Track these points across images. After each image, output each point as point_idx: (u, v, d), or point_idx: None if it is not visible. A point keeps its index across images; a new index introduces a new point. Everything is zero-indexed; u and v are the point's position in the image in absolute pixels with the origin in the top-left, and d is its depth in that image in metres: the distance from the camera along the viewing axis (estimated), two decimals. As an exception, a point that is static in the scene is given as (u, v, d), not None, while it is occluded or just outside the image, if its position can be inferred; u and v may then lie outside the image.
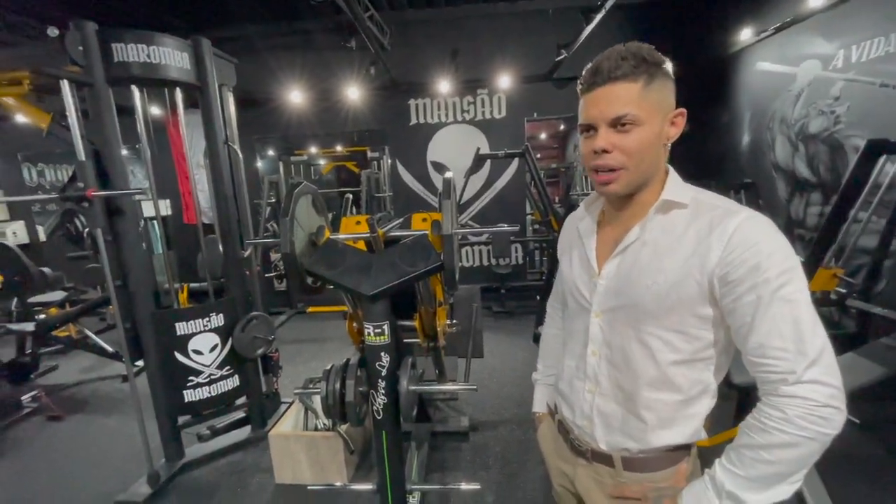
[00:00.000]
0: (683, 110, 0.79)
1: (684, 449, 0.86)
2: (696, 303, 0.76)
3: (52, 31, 2.16)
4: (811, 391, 0.66)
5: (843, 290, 2.75)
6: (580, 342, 0.92)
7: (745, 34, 3.87)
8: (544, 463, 1.08)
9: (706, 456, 0.95)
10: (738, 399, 1.63)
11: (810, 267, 2.69)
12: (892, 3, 2.67)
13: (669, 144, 0.80)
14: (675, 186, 0.82)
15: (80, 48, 2.02)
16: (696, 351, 0.80)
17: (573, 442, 0.95)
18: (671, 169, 0.84)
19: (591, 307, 0.88)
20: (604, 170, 0.78)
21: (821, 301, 2.83)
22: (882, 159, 2.41)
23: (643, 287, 0.80)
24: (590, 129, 0.78)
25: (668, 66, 0.77)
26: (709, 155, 4.64)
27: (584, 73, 0.79)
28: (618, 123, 0.75)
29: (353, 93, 4.79)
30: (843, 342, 2.74)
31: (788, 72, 3.51)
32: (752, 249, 0.70)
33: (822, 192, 3.29)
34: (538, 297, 4.14)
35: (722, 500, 0.73)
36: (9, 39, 4.33)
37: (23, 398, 3.26)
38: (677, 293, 0.76)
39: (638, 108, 0.74)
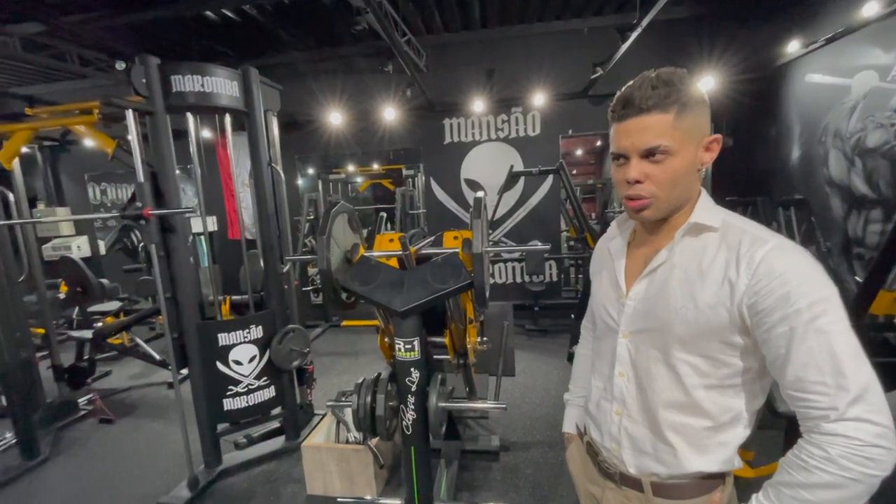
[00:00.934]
0: (719, 136, 0.77)
1: (717, 477, 0.82)
2: (726, 331, 0.74)
3: (120, 65, 2.38)
4: (855, 429, 0.62)
5: (909, 315, 2.54)
6: (608, 363, 0.91)
7: (793, 46, 3.72)
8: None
9: (753, 487, 0.90)
10: (785, 428, 1.53)
11: (871, 289, 2.50)
12: (956, 9, 2.50)
13: (703, 169, 0.79)
14: (705, 209, 0.80)
15: (144, 80, 2.21)
16: (725, 377, 0.77)
17: (602, 464, 0.93)
18: (703, 191, 0.82)
19: (618, 328, 0.87)
20: (636, 198, 0.78)
21: (884, 326, 2.62)
22: (949, 174, 2.24)
23: (672, 311, 0.78)
24: (621, 157, 0.79)
25: (702, 91, 0.76)
26: (756, 170, 4.45)
27: (614, 100, 0.79)
28: (650, 154, 0.74)
29: (390, 113, 4.95)
30: (911, 372, 2.51)
31: (842, 83, 3.33)
32: (779, 279, 0.68)
33: (883, 209, 3.08)
34: (573, 316, 4.05)
35: None
36: (80, 72, 4.78)
37: (79, 401, 3.49)
38: (707, 320, 0.75)
39: (670, 139, 0.73)
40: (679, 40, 4.59)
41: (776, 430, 1.61)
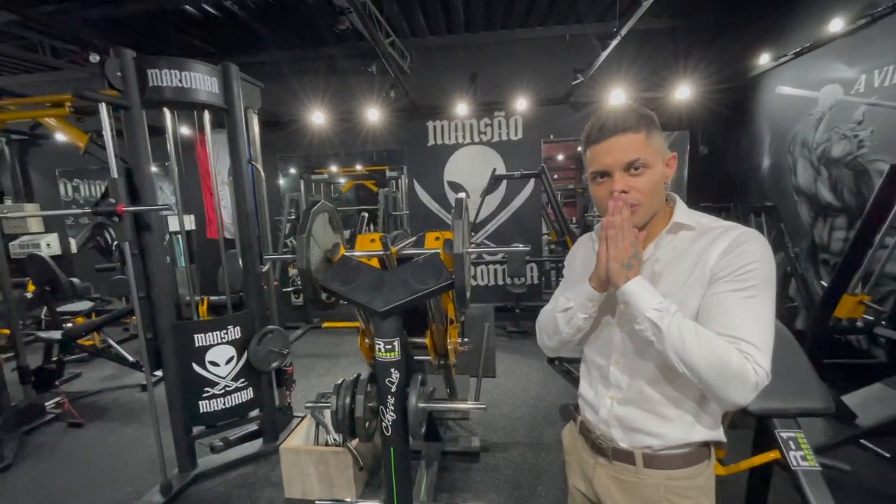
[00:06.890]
0: (675, 154, 0.93)
1: (704, 448, 0.94)
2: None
3: (94, 58, 2.32)
4: (756, 364, 0.79)
5: (871, 318, 2.65)
6: (604, 355, 1.00)
7: (764, 59, 3.87)
8: (559, 485, 1.09)
9: (724, 484, 0.93)
10: (755, 427, 1.58)
11: (835, 293, 2.61)
12: (914, 27, 2.64)
13: (668, 183, 0.93)
14: (683, 212, 0.94)
15: (119, 74, 2.16)
16: None
17: (595, 441, 1.02)
18: (678, 198, 0.97)
19: (614, 320, 0.97)
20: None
21: (848, 329, 2.73)
22: (907, 184, 2.35)
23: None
24: (604, 175, 0.90)
25: (656, 120, 0.91)
26: (730, 178, 4.59)
27: (589, 128, 0.91)
28: (631, 167, 0.86)
29: (373, 114, 4.93)
30: (872, 372, 2.62)
31: (809, 96, 3.48)
32: (741, 255, 0.83)
33: (847, 217, 3.22)
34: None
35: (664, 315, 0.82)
36: (52, 63, 4.62)
37: (47, 404, 3.36)
38: (685, 294, 0.87)
39: (646, 154, 0.86)
40: (657, 50, 4.71)
41: (746, 429, 1.66)
